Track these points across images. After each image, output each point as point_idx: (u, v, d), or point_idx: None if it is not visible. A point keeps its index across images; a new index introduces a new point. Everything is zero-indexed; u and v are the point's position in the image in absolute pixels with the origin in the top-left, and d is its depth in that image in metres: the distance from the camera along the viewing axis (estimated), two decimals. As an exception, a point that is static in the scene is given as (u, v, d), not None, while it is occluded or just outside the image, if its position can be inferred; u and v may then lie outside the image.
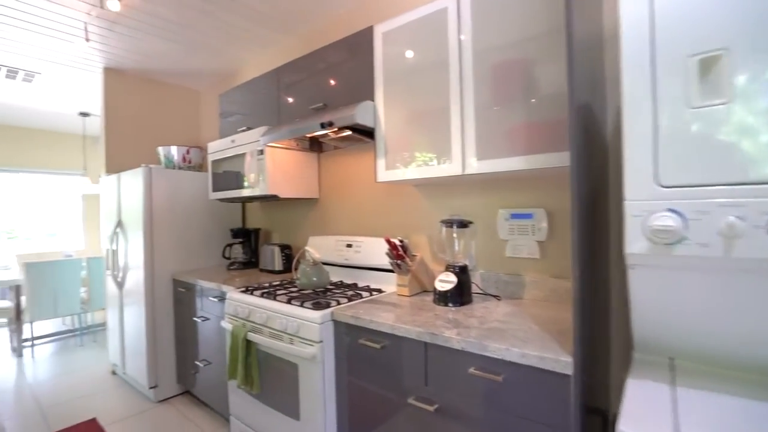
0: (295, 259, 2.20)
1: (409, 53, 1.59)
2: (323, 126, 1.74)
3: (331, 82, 1.95)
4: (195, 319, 2.34)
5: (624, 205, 0.81)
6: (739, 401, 0.74)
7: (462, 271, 1.52)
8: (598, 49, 1.33)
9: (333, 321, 1.50)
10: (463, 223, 1.59)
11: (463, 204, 1.77)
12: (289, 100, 2.17)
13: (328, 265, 2.18)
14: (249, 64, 3.05)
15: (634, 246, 0.80)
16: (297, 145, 2.29)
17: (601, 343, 1.31)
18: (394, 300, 1.63)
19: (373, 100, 1.72)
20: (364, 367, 1.41)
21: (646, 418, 0.70)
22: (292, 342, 1.55)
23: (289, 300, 1.66)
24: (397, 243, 1.71)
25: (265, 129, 2.16)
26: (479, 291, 1.67)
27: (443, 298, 1.51)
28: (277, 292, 1.81)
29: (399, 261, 1.70)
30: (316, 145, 2.36)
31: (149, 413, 2.40)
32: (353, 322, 1.42)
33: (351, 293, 1.75)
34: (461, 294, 1.50)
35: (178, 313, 2.56)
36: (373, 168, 2.15)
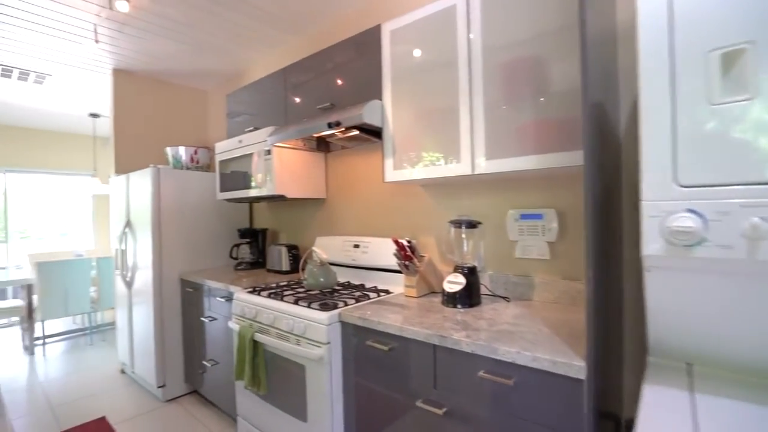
0: (303, 259, 2.20)
1: (417, 52, 1.57)
2: (330, 126, 1.73)
3: (338, 81, 1.94)
4: (202, 319, 2.35)
5: (641, 205, 0.79)
6: (762, 410, 0.71)
7: (471, 273, 1.50)
8: (611, 45, 1.30)
9: (340, 322, 1.49)
10: (471, 224, 1.56)
11: (471, 204, 1.75)
12: (297, 99, 2.17)
13: (336, 265, 2.17)
14: (256, 64, 3.05)
15: (651, 247, 0.78)
16: (304, 145, 2.28)
17: (613, 346, 1.28)
18: (402, 301, 1.62)
19: (381, 100, 1.70)
20: (372, 369, 1.40)
21: (665, 427, 0.67)
22: (299, 343, 1.54)
23: (297, 301, 1.66)
24: (405, 243, 1.70)
25: (272, 129, 2.15)
26: (488, 292, 1.65)
27: (452, 300, 1.49)
28: (285, 293, 1.81)
29: (407, 262, 1.68)
30: (323, 145, 2.35)
31: (157, 412, 2.41)
32: (361, 323, 1.41)
33: (358, 294, 1.74)
34: (470, 295, 1.48)
35: (185, 313, 2.57)
36: (380, 168, 2.14)
